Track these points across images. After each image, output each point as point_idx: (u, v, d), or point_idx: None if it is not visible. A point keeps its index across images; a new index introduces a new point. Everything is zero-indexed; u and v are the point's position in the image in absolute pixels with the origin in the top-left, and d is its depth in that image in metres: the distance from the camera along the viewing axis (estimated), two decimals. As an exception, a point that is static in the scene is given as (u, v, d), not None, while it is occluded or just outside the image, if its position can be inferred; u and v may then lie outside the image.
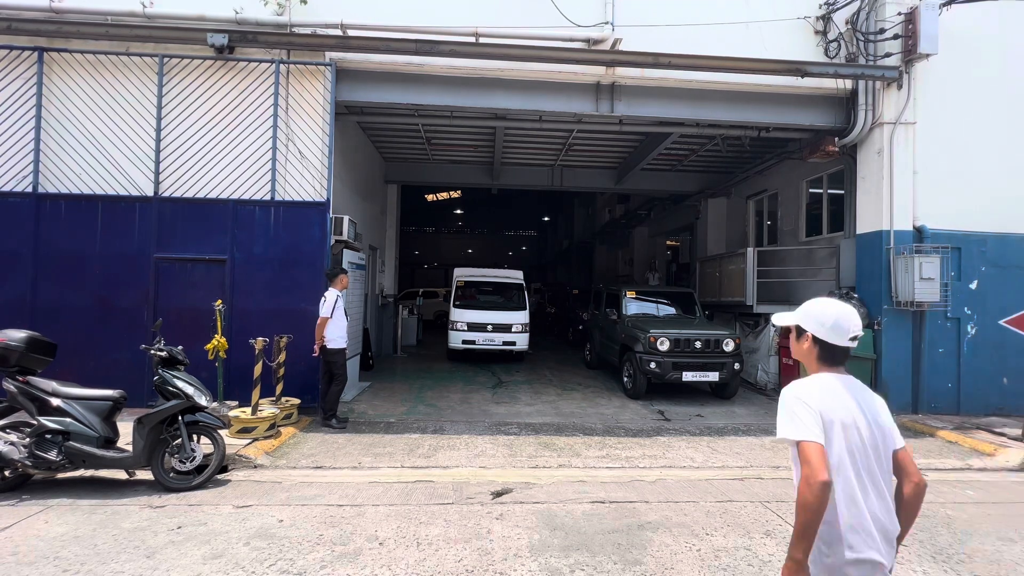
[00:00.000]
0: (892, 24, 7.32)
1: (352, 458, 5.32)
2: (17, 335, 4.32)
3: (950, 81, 7.48)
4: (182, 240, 6.79)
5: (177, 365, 4.67)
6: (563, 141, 11.13)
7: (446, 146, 12.04)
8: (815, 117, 7.90)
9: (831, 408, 1.71)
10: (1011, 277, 7.50)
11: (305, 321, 6.54)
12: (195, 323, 6.45)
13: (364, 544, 3.55)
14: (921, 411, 7.33)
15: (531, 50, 6.86)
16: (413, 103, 7.56)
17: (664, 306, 9.96)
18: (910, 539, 3.78)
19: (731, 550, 3.57)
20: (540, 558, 3.40)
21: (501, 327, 11.44)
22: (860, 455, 1.69)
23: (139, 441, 4.35)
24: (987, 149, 7.53)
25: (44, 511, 3.98)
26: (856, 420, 1.71)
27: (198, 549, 3.44)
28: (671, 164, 12.60)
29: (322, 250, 6.88)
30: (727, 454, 5.73)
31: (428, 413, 7.28)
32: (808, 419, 1.69)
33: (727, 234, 13.39)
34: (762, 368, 9.39)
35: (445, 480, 4.78)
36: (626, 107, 7.67)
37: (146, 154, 6.84)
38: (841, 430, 1.69)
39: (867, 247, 7.73)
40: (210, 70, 6.91)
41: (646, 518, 4.04)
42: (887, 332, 7.36)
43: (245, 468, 4.97)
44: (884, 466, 1.72)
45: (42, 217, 6.66)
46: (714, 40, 7.19)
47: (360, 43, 6.79)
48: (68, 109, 6.78)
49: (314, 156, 7.00)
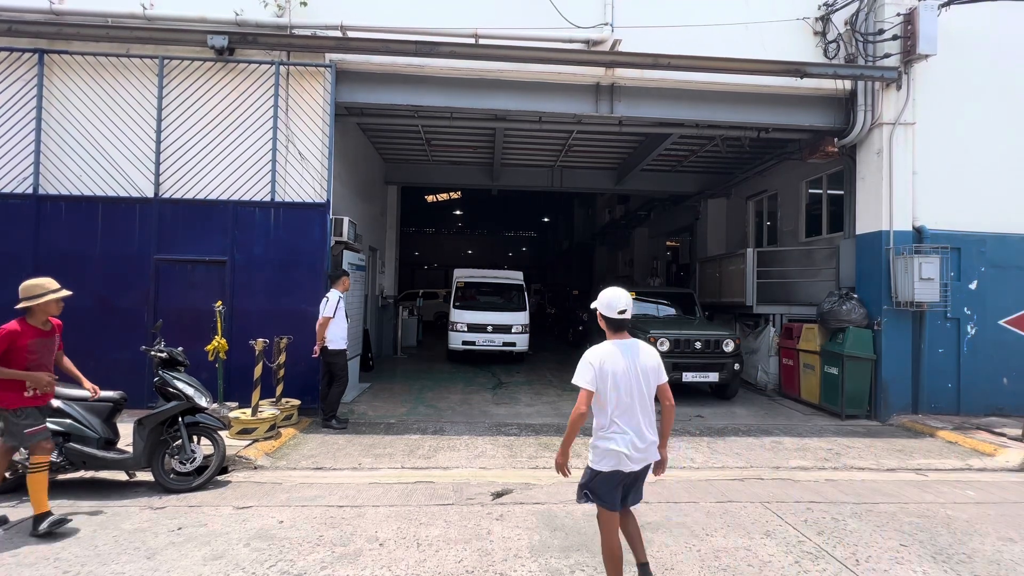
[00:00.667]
0: (891, 25, 7.33)
1: (352, 459, 5.32)
2: (17, 336, 4.32)
3: (949, 82, 7.49)
4: (182, 241, 6.80)
5: (177, 366, 4.67)
6: (563, 142, 11.14)
7: (446, 147, 12.05)
8: (814, 118, 7.91)
9: (608, 363, 2.71)
10: (1010, 277, 7.50)
11: (305, 322, 6.54)
12: (195, 324, 6.45)
13: (364, 545, 3.55)
14: (921, 411, 7.32)
15: (531, 51, 6.87)
16: (413, 104, 7.57)
17: (664, 307, 9.96)
18: (911, 539, 3.79)
19: (731, 550, 3.57)
20: (540, 559, 3.40)
21: (501, 328, 11.44)
22: (627, 389, 2.72)
23: (139, 442, 4.35)
24: (986, 149, 7.54)
25: (44, 512, 3.98)
26: (627, 369, 2.73)
27: (198, 550, 3.44)
28: (671, 165, 12.61)
29: (322, 251, 6.89)
30: (727, 454, 5.73)
31: (428, 414, 7.28)
32: (587, 373, 2.70)
33: (727, 235, 13.40)
34: (762, 369, 9.39)
35: (445, 481, 4.78)
36: (626, 108, 7.68)
37: (146, 155, 6.84)
38: (613, 376, 2.70)
39: (867, 247, 7.74)
40: (210, 71, 6.92)
41: (646, 519, 4.04)
42: (887, 332, 7.36)
43: (245, 469, 4.97)
44: (647, 395, 2.79)
45: (42, 218, 6.66)
46: (713, 41, 7.20)
47: (360, 44, 6.80)
48: (68, 111, 6.79)
49: (314, 157, 7.01)
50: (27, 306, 3.67)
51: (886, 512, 4.29)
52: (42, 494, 3.67)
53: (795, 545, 3.67)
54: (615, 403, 2.70)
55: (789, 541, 3.73)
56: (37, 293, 3.68)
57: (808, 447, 6.09)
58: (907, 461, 5.67)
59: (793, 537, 3.79)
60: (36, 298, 3.67)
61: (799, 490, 4.75)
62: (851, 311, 7.48)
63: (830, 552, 3.58)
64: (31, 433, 3.65)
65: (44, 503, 3.67)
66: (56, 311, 3.81)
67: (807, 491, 4.73)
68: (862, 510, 4.31)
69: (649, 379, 2.79)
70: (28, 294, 3.67)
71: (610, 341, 2.81)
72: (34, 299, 3.66)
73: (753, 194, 12.12)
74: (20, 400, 3.66)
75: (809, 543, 3.71)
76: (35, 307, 3.68)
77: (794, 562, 3.44)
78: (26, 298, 3.66)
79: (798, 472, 5.25)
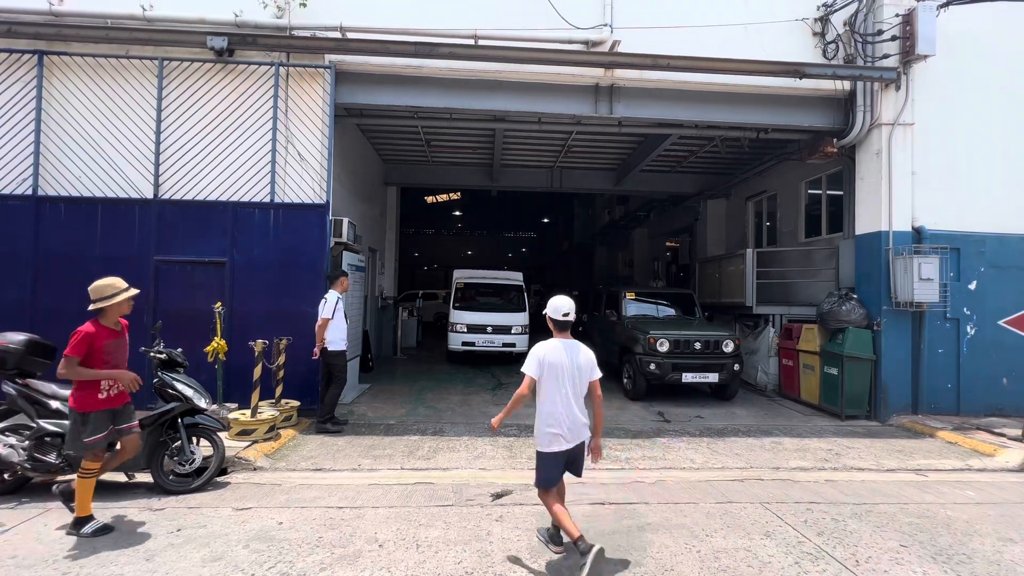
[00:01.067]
0: (890, 26, 7.34)
1: (352, 460, 5.32)
2: (16, 338, 4.32)
3: (948, 82, 7.49)
4: (182, 242, 6.79)
5: (176, 367, 4.66)
6: (562, 143, 11.15)
7: (445, 148, 12.05)
8: (814, 118, 7.92)
9: (550, 356, 3.28)
10: (1010, 277, 7.50)
11: (304, 323, 6.54)
12: (195, 325, 6.44)
13: (364, 546, 3.55)
14: (921, 411, 7.32)
15: (530, 52, 6.87)
16: (412, 105, 7.57)
17: (664, 307, 9.97)
18: (911, 540, 3.80)
19: (731, 551, 3.57)
20: (540, 560, 3.40)
21: (501, 329, 11.44)
22: (563, 380, 3.26)
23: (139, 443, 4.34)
24: (986, 150, 7.54)
25: (43, 514, 3.98)
26: (564, 362, 3.27)
27: (197, 552, 3.43)
28: (670, 165, 12.62)
29: (322, 252, 6.89)
30: (727, 455, 5.73)
31: (428, 415, 7.27)
32: (533, 364, 3.27)
33: (726, 235, 13.41)
34: (762, 369, 9.39)
35: (445, 482, 4.78)
36: (625, 109, 7.68)
37: (146, 156, 6.84)
38: (552, 367, 3.26)
39: (866, 248, 7.74)
40: (210, 73, 6.92)
41: (646, 519, 4.04)
42: (886, 333, 7.37)
43: (244, 470, 4.96)
44: (580, 387, 3.30)
45: (42, 220, 6.66)
46: (713, 42, 7.21)
47: (359, 45, 6.81)
48: (68, 112, 6.79)
49: (313, 158, 7.01)
50: (101, 307, 3.63)
51: (886, 513, 4.29)
52: (88, 497, 3.67)
53: (795, 546, 3.67)
54: (553, 389, 3.27)
55: (789, 542, 3.73)
56: (111, 293, 3.64)
57: (808, 448, 6.09)
58: (907, 461, 5.67)
59: (793, 538, 3.79)
60: (110, 298, 3.64)
61: (799, 491, 4.75)
62: (851, 311, 7.49)
63: (830, 553, 3.58)
64: (90, 442, 3.61)
65: (88, 507, 3.68)
66: (127, 310, 3.79)
67: (807, 492, 4.73)
68: (862, 511, 4.31)
69: (583, 374, 3.32)
70: (101, 295, 3.63)
71: (555, 339, 3.37)
72: (108, 299, 3.64)
73: (752, 195, 12.13)
74: (95, 403, 3.62)
75: (809, 544, 3.71)
76: (108, 308, 3.65)
77: (794, 563, 3.43)
78: (100, 299, 3.62)
79: (798, 473, 5.25)
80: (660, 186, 13.57)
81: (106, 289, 3.65)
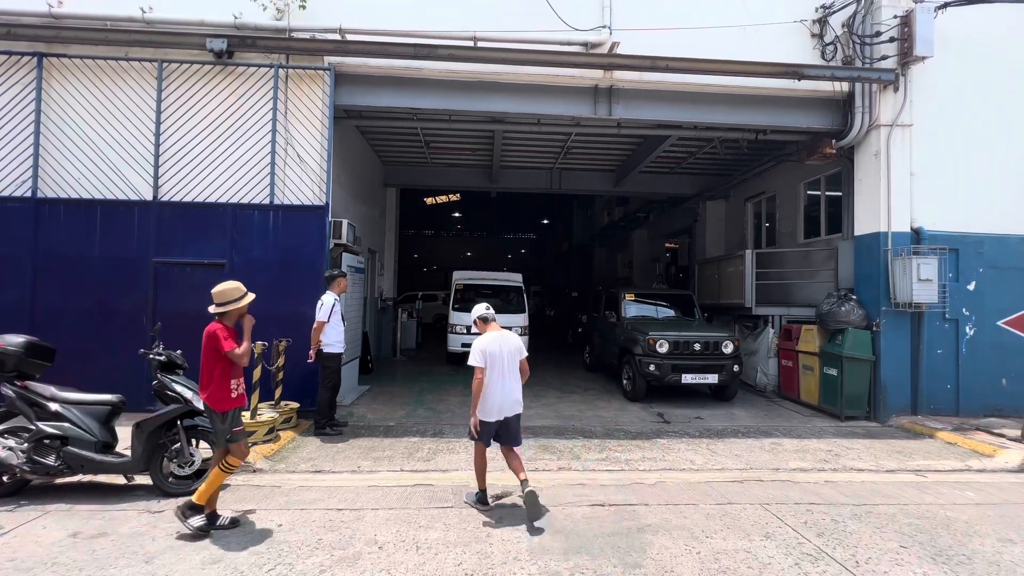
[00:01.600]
0: (888, 27, 7.35)
1: (351, 462, 5.31)
2: (15, 340, 4.31)
3: (946, 83, 7.51)
4: (181, 244, 6.79)
5: (176, 369, 4.65)
6: (561, 144, 11.16)
7: (445, 149, 12.06)
8: (812, 119, 7.93)
9: (489, 346, 4.10)
10: (1009, 278, 7.51)
11: (304, 325, 6.53)
12: (194, 327, 6.33)
13: (363, 548, 3.55)
14: (920, 412, 7.32)
15: (529, 54, 6.88)
16: (411, 107, 7.57)
17: (663, 308, 9.97)
18: (911, 541, 3.81)
19: (731, 552, 3.57)
20: (540, 561, 3.40)
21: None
22: (499, 364, 4.09)
23: (137, 446, 4.34)
24: (984, 151, 7.55)
25: (42, 516, 3.97)
26: (499, 351, 4.11)
27: (197, 554, 3.43)
28: (669, 167, 12.63)
29: (321, 254, 6.89)
30: (727, 456, 5.73)
31: (428, 416, 7.27)
32: (479, 356, 4.06)
33: (726, 236, 13.41)
34: (761, 370, 9.39)
35: (445, 484, 4.77)
36: (624, 110, 7.69)
37: (145, 158, 6.85)
38: (491, 355, 4.07)
39: (865, 249, 7.75)
40: (209, 75, 6.92)
41: (646, 521, 4.04)
42: (886, 333, 7.37)
43: (244, 472, 4.95)
44: (513, 368, 4.18)
45: (41, 221, 6.66)
46: (711, 43, 7.22)
47: (358, 47, 6.81)
48: (67, 114, 6.79)
49: (313, 160, 7.01)
50: (225, 311, 3.75)
51: (886, 513, 4.29)
52: (213, 487, 3.79)
53: (795, 547, 3.67)
54: (494, 372, 4.06)
55: (789, 543, 3.73)
56: (237, 296, 3.79)
57: (807, 448, 6.09)
58: (906, 462, 5.67)
59: (793, 539, 3.79)
60: (236, 301, 3.78)
61: (799, 492, 4.75)
62: (850, 312, 7.49)
63: (830, 554, 3.58)
64: (234, 434, 3.79)
65: (208, 498, 3.77)
66: (245, 312, 3.90)
67: (807, 493, 4.73)
68: (862, 511, 4.31)
69: (514, 356, 4.20)
70: (227, 298, 3.77)
71: (487, 333, 4.22)
72: (234, 303, 3.78)
73: (752, 196, 12.14)
74: (230, 402, 3.78)
75: (809, 545, 3.71)
76: (232, 311, 3.77)
77: (794, 564, 3.43)
78: (226, 302, 3.76)
79: (798, 474, 5.25)
80: (659, 187, 13.58)
81: (232, 293, 3.79)
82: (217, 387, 3.73)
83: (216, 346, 3.68)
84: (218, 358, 3.71)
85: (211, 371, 3.72)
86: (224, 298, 3.76)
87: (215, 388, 3.73)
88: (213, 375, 3.72)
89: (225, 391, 3.75)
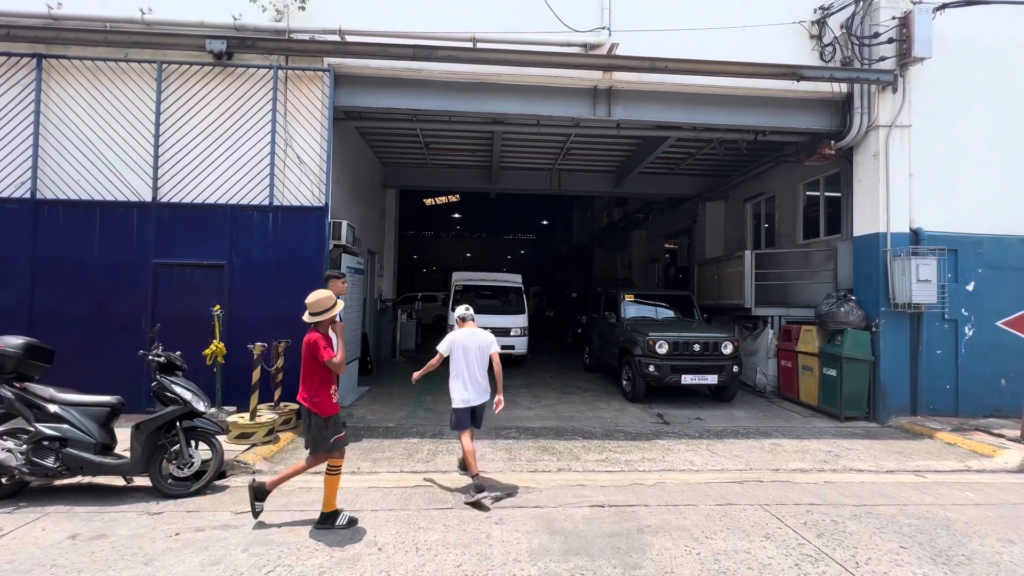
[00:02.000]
0: (886, 28, 7.37)
1: (351, 463, 5.30)
2: (14, 341, 4.31)
3: (945, 84, 7.53)
4: (180, 245, 6.79)
5: (175, 371, 4.65)
6: (561, 145, 11.16)
7: (444, 150, 12.06)
8: (811, 120, 7.94)
9: (459, 340, 4.66)
10: (1008, 279, 7.52)
11: (304, 326, 6.50)
12: (193, 328, 6.43)
13: (363, 550, 3.54)
14: (920, 412, 7.33)
15: (528, 55, 6.89)
16: (411, 108, 7.58)
17: (663, 309, 9.97)
18: (910, 541, 3.81)
19: (730, 553, 3.56)
20: (539, 563, 3.39)
21: (500, 331, 11.40)
22: (468, 356, 4.64)
23: (137, 447, 4.33)
24: (983, 151, 7.57)
25: (41, 518, 3.97)
26: (469, 344, 4.65)
27: (196, 556, 3.42)
28: (669, 167, 12.64)
29: (321, 255, 6.88)
30: (726, 457, 5.73)
31: (427, 417, 7.27)
32: (445, 344, 4.69)
33: (725, 237, 13.42)
34: (761, 371, 9.39)
35: (444, 485, 4.77)
36: (623, 111, 7.70)
37: (144, 160, 6.84)
38: (462, 347, 4.65)
39: (864, 249, 7.76)
40: (208, 76, 6.92)
41: (646, 522, 4.04)
42: (885, 334, 7.38)
43: (244, 474, 4.95)
44: (482, 361, 4.70)
45: (40, 223, 6.65)
46: (710, 45, 7.24)
47: (358, 48, 6.82)
48: (66, 115, 6.79)
49: (312, 161, 7.01)
50: (319, 320, 3.82)
51: (885, 514, 4.29)
52: (335, 493, 3.91)
53: (795, 547, 3.67)
54: (462, 364, 4.63)
55: (789, 544, 3.73)
56: (330, 306, 3.87)
57: (807, 449, 6.09)
58: (906, 463, 5.67)
59: (793, 539, 3.79)
60: (329, 310, 3.86)
61: (798, 492, 4.75)
62: (849, 313, 7.50)
63: (830, 554, 3.58)
64: (337, 440, 3.90)
65: (334, 502, 3.90)
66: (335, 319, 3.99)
67: (806, 493, 4.73)
68: (861, 512, 4.31)
69: (484, 350, 4.69)
70: (321, 308, 3.84)
71: (462, 329, 4.77)
72: (327, 312, 3.84)
73: (751, 196, 12.15)
74: (333, 406, 3.89)
75: (809, 545, 3.71)
76: (325, 320, 3.85)
77: (794, 564, 3.43)
78: (320, 311, 3.83)
79: (797, 474, 5.25)
80: (659, 188, 13.59)
81: (326, 302, 3.86)
82: (321, 394, 3.83)
83: (315, 354, 3.77)
84: (317, 366, 3.80)
85: (312, 378, 3.81)
86: (319, 308, 3.83)
87: (318, 395, 3.82)
88: (315, 382, 3.81)
89: (327, 397, 3.85)
